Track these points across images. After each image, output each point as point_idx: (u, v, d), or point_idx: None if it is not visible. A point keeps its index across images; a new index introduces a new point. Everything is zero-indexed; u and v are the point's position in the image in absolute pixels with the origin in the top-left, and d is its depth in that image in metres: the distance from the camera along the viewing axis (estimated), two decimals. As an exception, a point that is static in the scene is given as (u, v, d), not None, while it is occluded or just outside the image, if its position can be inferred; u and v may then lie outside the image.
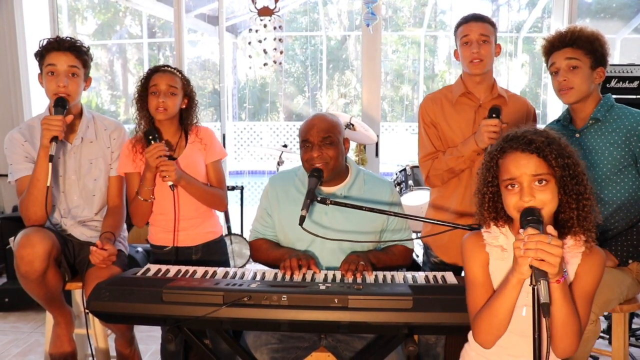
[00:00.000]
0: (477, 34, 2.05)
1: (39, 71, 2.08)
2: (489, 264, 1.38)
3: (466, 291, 1.42)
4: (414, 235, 3.82)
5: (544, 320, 1.14)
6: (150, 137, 2.04)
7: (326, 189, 1.96)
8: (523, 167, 1.27)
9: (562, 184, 1.27)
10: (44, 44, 2.04)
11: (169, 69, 2.17)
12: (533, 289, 1.16)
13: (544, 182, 1.26)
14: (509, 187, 1.29)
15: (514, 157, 1.30)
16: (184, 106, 2.18)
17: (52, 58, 2.01)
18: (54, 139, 1.90)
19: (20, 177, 2.04)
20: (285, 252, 1.91)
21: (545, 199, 1.26)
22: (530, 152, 1.27)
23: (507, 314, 1.28)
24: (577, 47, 1.92)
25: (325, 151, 1.87)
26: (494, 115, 1.93)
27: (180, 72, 2.19)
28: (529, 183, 1.26)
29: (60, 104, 1.96)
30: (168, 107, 2.08)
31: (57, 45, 2.02)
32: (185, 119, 2.21)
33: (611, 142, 1.91)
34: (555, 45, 1.97)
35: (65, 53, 2.02)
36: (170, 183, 2.03)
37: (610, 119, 1.94)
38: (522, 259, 1.18)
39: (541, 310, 1.12)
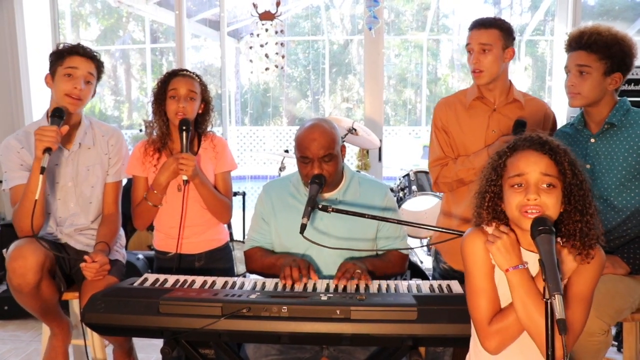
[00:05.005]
0: (477, 43, 1.99)
1: (48, 72, 2.04)
2: (495, 268, 1.30)
3: (469, 297, 1.32)
4: (417, 242, 3.82)
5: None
6: (184, 128, 2.01)
7: (322, 195, 1.92)
8: (533, 164, 1.23)
9: (568, 192, 1.23)
10: (65, 46, 2.03)
11: (188, 73, 2.14)
12: (546, 303, 1.10)
13: (551, 186, 1.22)
14: (515, 186, 1.25)
15: (525, 154, 1.26)
16: (200, 111, 2.15)
17: (73, 61, 2.00)
18: (47, 150, 1.84)
19: (13, 186, 2.00)
20: (280, 257, 1.88)
21: (549, 203, 1.21)
22: (544, 152, 1.24)
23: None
24: (592, 51, 1.82)
25: (325, 167, 1.84)
26: (520, 128, 1.86)
27: (199, 76, 2.17)
28: (537, 182, 1.22)
29: (57, 114, 1.92)
30: (188, 113, 2.05)
31: (81, 51, 2.03)
32: (200, 124, 2.19)
33: (626, 148, 1.84)
34: (571, 46, 1.88)
35: (87, 60, 2.02)
36: (185, 178, 2.00)
37: (627, 124, 1.86)
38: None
39: (557, 326, 1.05)
